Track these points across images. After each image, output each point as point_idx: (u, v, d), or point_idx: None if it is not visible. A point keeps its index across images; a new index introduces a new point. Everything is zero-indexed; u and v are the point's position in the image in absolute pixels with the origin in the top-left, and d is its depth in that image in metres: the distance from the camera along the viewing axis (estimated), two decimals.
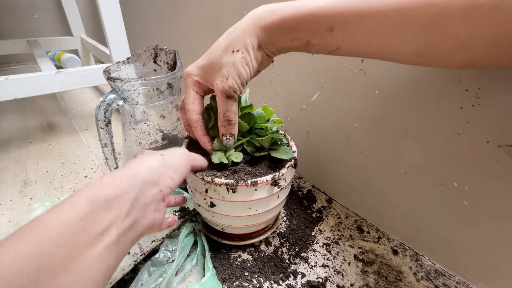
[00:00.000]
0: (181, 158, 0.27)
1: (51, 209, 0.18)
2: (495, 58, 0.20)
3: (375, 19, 0.21)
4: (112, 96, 0.40)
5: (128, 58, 0.46)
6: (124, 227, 0.20)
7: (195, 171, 0.32)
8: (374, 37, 0.23)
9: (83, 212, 0.18)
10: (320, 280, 0.38)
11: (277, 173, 0.32)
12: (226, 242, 0.41)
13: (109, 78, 0.39)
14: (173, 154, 0.27)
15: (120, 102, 0.41)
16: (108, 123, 0.41)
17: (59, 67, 0.96)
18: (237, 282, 0.37)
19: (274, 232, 0.45)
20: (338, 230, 0.47)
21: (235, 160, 0.33)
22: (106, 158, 0.45)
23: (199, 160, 0.31)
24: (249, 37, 0.27)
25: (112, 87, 0.40)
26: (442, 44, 0.20)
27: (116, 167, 0.47)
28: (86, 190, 0.19)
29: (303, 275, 0.39)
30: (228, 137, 0.32)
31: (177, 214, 0.42)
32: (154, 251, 0.38)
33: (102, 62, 0.90)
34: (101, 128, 0.41)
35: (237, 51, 0.27)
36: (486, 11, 0.17)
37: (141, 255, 0.36)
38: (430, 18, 0.19)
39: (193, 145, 0.38)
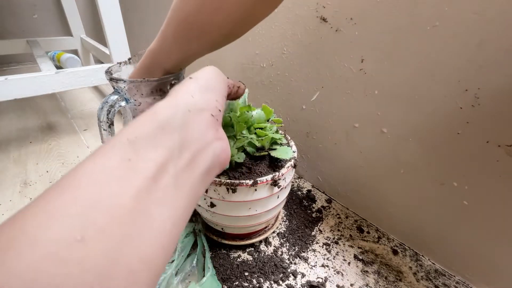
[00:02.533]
0: (216, 78, 0.24)
1: (89, 158, 0.15)
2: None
3: (172, 40, 0.31)
4: (114, 97, 0.40)
5: (129, 59, 0.46)
6: (181, 164, 0.17)
7: (231, 97, 0.32)
8: (185, 46, 0.31)
9: (125, 154, 0.15)
10: (320, 280, 0.38)
11: (277, 173, 0.32)
12: (226, 242, 0.41)
13: (111, 79, 0.39)
14: (205, 73, 0.24)
15: (123, 103, 0.40)
16: (111, 124, 0.41)
17: (59, 67, 0.96)
18: (237, 282, 0.37)
19: (274, 232, 0.45)
20: (338, 230, 0.47)
21: (238, 161, 0.33)
22: None
23: (234, 83, 0.32)
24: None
25: (114, 88, 0.40)
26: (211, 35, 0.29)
27: None
28: (120, 133, 0.16)
29: (303, 275, 0.39)
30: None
31: None
32: None
33: (102, 62, 0.90)
34: (104, 130, 0.41)
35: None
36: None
37: None
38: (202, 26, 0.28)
39: None
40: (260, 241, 0.43)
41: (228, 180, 0.31)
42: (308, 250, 0.43)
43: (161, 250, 0.14)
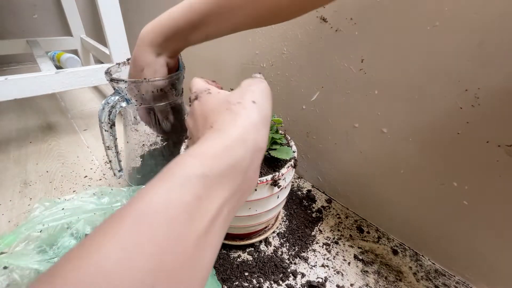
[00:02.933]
0: (270, 103, 0.23)
1: (154, 186, 0.14)
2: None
3: (215, 12, 0.29)
4: (115, 97, 0.39)
5: (128, 59, 0.46)
6: (233, 204, 0.17)
7: None
8: (223, 22, 0.30)
9: (197, 191, 0.15)
10: (320, 280, 0.38)
11: (277, 173, 0.32)
12: (226, 242, 0.41)
13: (112, 80, 0.39)
14: (263, 96, 0.22)
15: (123, 104, 0.40)
16: (112, 125, 0.41)
17: (58, 67, 0.96)
18: (237, 282, 0.37)
19: (274, 232, 0.45)
20: (338, 230, 0.47)
21: None
22: (110, 161, 0.44)
23: None
24: (146, 55, 0.34)
25: (114, 89, 0.40)
26: (264, 12, 0.28)
27: (120, 170, 0.47)
28: (195, 159, 0.16)
29: (303, 275, 0.39)
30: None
31: None
32: None
33: (102, 62, 0.90)
34: (105, 131, 0.41)
35: (142, 70, 0.35)
36: None
37: None
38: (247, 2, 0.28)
39: None
40: (260, 241, 0.43)
41: None
42: (308, 250, 0.43)
43: (203, 284, 0.15)
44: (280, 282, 0.37)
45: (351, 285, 0.38)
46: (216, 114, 0.21)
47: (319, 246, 0.44)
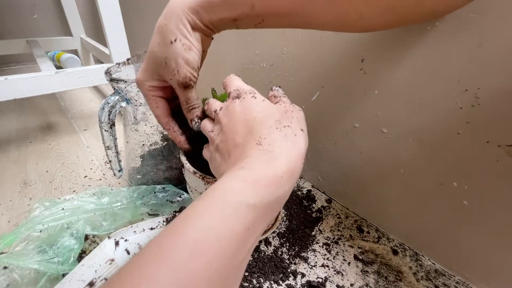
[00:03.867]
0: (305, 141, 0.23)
1: (207, 210, 0.15)
2: (388, 25, 0.25)
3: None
4: (115, 97, 0.40)
5: (128, 59, 0.46)
6: (260, 232, 0.18)
7: None
8: (292, 10, 0.24)
9: (247, 223, 0.15)
10: (320, 280, 0.38)
11: None
12: None
13: (112, 80, 0.39)
14: (306, 128, 0.23)
15: (123, 104, 0.40)
16: (112, 125, 0.41)
17: (58, 67, 0.96)
18: None
19: (274, 232, 0.45)
20: (338, 230, 0.47)
21: None
22: (110, 161, 0.44)
23: None
24: (180, 23, 0.27)
25: (114, 89, 0.40)
26: (346, 15, 0.24)
27: (120, 170, 0.47)
28: (248, 186, 0.16)
29: (303, 275, 0.39)
30: (196, 121, 0.31)
31: (173, 212, 0.42)
32: None
33: (102, 62, 0.90)
34: (105, 131, 0.41)
35: (175, 40, 0.27)
36: None
37: None
38: None
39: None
40: (260, 241, 0.43)
41: None
42: (308, 250, 0.43)
43: None
44: (280, 282, 0.37)
45: (351, 285, 0.38)
46: (264, 127, 0.20)
47: (319, 246, 0.44)
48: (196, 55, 0.28)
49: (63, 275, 0.34)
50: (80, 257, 0.38)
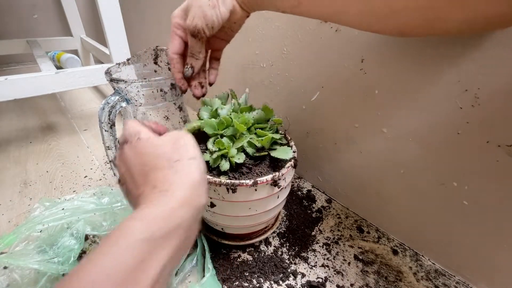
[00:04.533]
0: (202, 172, 0.23)
1: (103, 249, 0.16)
2: (424, 26, 0.23)
3: None
4: (115, 97, 0.39)
5: (128, 59, 0.46)
6: (176, 258, 0.19)
7: None
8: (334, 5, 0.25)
9: (140, 255, 0.16)
10: (320, 280, 0.38)
11: (277, 173, 0.32)
12: (226, 242, 0.41)
13: (112, 80, 0.39)
14: (197, 151, 0.24)
15: (124, 104, 0.40)
16: (112, 125, 0.41)
17: (59, 67, 0.96)
18: (237, 282, 0.37)
19: (274, 232, 0.45)
20: (338, 230, 0.47)
21: (238, 161, 0.33)
22: (110, 161, 0.44)
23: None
24: None
25: (115, 89, 0.40)
26: (377, 8, 0.23)
27: None
28: (141, 222, 0.17)
29: (303, 275, 0.39)
30: (187, 67, 0.34)
31: None
32: None
33: (102, 63, 0.90)
34: (105, 131, 0.40)
35: None
36: None
37: None
38: None
39: None
40: (260, 241, 0.43)
41: (228, 180, 0.31)
42: (308, 250, 0.43)
43: None
44: (280, 282, 0.37)
45: (351, 285, 0.38)
46: (156, 170, 0.21)
47: (319, 246, 0.44)
48: (215, 15, 0.29)
49: (63, 275, 0.34)
50: (80, 257, 0.38)
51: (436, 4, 0.21)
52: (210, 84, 0.37)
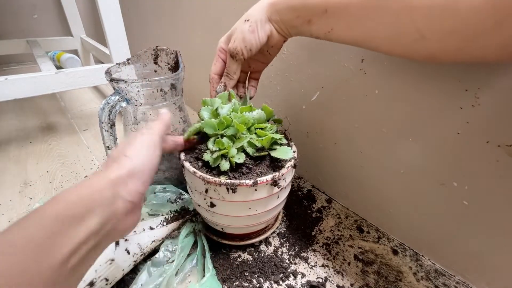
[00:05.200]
0: (147, 158, 0.26)
1: (18, 222, 0.18)
2: (452, 52, 0.23)
3: (359, 5, 0.26)
4: (115, 97, 0.39)
5: (128, 59, 0.46)
6: (91, 246, 0.20)
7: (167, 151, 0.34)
8: (358, 21, 0.27)
9: (50, 231, 0.17)
10: (320, 280, 0.38)
11: (277, 173, 0.32)
12: (226, 242, 0.41)
13: (112, 80, 0.39)
14: (139, 151, 0.26)
15: (124, 104, 0.40)
16: (112, 125, 0.41)
17: (58, 67, 0.96)
18: (237, 282, 0.37)
19: (274, 232, 0.45)
20: (338, 230, 0.47)
21: (238, 161, 0.33)
22: None
23: (170, 141, 0.33)
24: (260, 11, 0.33)
25: (115, 89, 0.40)
26: (407, 33, 0.24)
27: None
28: (57, 201, 0.19)
29: (303, 275, 0.39)
30: (221, 85, 0.38)
31: (173, 212, 0.42)
32: (154, 251, 0.38)
33: (102, 62, 0.90)
34: (105, 131, 0.40)
35: (247, 20, 0.33)
36: (439, 11, 0.21)
37: (141, 255, 0.36)
38: (400, 9, 0.23)
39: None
40: (260, 241, 0.43)
41: (228, 180, 0.31)
42: (308, 250, 0.43)
43: None
44: (280, 282, 0.37)
45: (351, 285, 0.38)
46: (110, 160, 0.25)
47: (319, 246, 0.44)
48: (254, 39, 0.33)
49: None
50: None
51: (471, 28, 0.20)
52: (250, 98, 0.42)
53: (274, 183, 0.33)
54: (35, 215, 0.18)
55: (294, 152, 0.36)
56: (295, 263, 0.40)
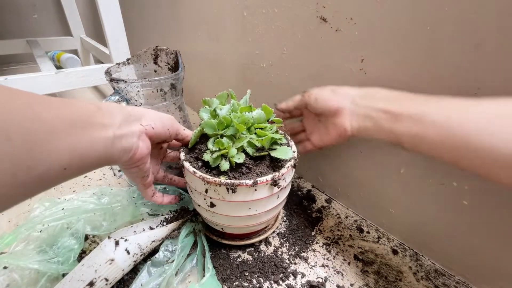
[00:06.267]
0: (166, 118, 0.33)
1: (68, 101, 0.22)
2: None
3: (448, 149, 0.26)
4: (115, 97, 0.40)
5: (128, 59, 0.46)
6: (118, 133, 0.25)
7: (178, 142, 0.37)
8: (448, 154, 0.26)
9: (94, 107, 0.24)
10: (320, 280, 0.38)
11: (277, 173, 0.32)
12: (226, 242, 0.41)
13: (112, 80, 0.39)
14: (159, 114, 0.32)
15: (123, 104, 0.40)
16: None
17: (58, 67, 0.96)
18: (237, 282, 0.37)
19: (274, 232, 0.45)
20: (338, 230, 0.47)
21: (238, 161, 0.33)
22: None
23: (184, 134, 0.36)
24: (342, 95, 0.36)
25: (114, 89, 0.40)
26: (494, 174, 0.23)
27: (120, 170, 0.47)
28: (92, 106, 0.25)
29: (303, 275, 0.39)
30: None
31: (173, 212, 0.42)
32: (154, 251, 0.38)
33: (102, 62, 0.90)
34: None
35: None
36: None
37: (141, 255, 0.36)
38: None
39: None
40: (260, 241, 0.43)
41: (228, 180, 0.31)
42: (308, 250, 0.43)
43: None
44: (280, 282, 0.37)
45: (351, 285, 0.38)
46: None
47: (319, 246, 0.44)
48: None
49: (63, 275, 0.34)
50: (80, 257, 0.38)
51: None
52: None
53: (274, 183, 0.33)
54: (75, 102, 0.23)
55: (294, 152, 0.36)
56: (295, 263, 0.40)
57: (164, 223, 0.40)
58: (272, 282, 0.38)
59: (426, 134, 0.26)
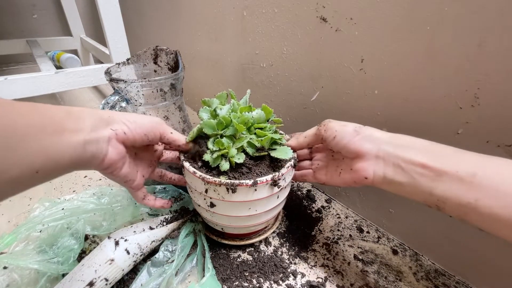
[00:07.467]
0: (147, 122, 0.31)
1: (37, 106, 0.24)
2: None
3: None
4: (115, 97, 0.39)
5: (128, 59, 0.46)
6: (88, 138, 0.25)
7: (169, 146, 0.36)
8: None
9: (64, 113, 0.24)
10: (320, 280, 0.38)
11: (276, 173, 0.32)
12: (226, 242, 0.41)
13: (111, 80, 0.39)
14: (137, 118, 0.31)
15: (123, 104, 0.40)
16: None
17: (58, 67, 0.96)
18: (237, 282, 0.37)
19: (274, 232, 0.45)
20: (338, 230, 0.47)
21: (238, 161, 0.33)
22: None
23: (171, 138, 0.34)
24: (365, 142, 0.30)
25: (114, 89, 0.40)
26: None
27: None
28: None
29: (303, 275, 0.39)
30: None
31: (173, 212, 0.42)
32: (154, 251, 0.38)
33: (102, 62, 0.90)
34: None
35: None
36: None
37: (141, 255, 0.36)
38: None
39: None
40: (260, 241, 0.43)
41: (228, 180, 0.31)
42: (308, 250, 0.43)
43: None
44: (280, 282, 0.37)
45: (351, 285, 0.38)
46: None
47: (319, 246, 0.44)
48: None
49: (63, 275, 0.34)
50: (80, 257, 0.38)
51: None
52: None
53: (274, 183, 0.33)
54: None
55: (294, 152, 0.36)
56: (295, 263, 0.40)
57: (164, 223, 0.40)
58: (272, 282, 0.38)
59: (483, 204, 0.22)
